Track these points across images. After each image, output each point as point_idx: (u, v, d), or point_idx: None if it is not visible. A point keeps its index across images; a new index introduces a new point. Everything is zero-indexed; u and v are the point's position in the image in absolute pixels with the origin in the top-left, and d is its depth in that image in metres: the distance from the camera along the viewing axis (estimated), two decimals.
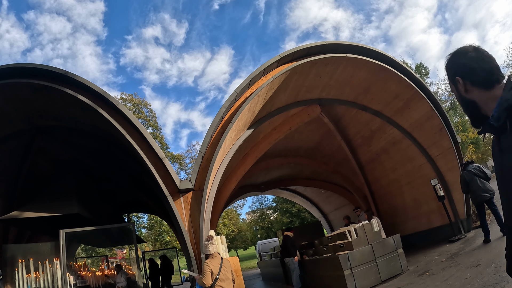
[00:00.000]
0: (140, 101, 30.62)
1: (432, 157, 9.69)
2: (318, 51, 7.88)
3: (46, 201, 8.28)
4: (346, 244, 7.17)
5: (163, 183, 6.46)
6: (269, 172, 14.29)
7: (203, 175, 6.80)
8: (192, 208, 6.66)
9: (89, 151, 9.47)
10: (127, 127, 6.61)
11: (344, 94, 9.42)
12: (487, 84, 1.32)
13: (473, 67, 1.35)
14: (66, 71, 6.42)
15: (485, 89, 1.32)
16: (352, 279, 6.72)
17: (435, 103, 8.94)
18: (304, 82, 8.35)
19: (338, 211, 16.60)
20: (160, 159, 6.58)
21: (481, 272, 5.03)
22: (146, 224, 32.41)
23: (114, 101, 6.59)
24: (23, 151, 8.72)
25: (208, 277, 4.35)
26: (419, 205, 10.62)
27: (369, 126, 10.58)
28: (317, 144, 12.61)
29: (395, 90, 8.93)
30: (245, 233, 47.21)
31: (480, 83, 1.34)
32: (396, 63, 8.62)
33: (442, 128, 8.98)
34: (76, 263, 11.63)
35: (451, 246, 8.15)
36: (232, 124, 6.95)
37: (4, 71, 6.33)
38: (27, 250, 8.31)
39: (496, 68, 1.33)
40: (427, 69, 35.30)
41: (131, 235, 9.76)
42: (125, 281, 8.90)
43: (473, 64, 1.34)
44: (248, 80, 7.34)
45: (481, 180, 7.15)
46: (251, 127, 8.15)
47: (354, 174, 12.54)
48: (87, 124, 7.79)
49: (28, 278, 7.25)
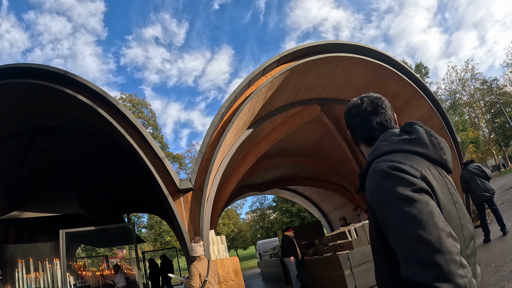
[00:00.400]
0: (140, 101, 30.64)
1: None
2: (317, 50, 7.88)
3: (46, 201, 8.28)
4: (346, 244, 7.17)
5: (163, 183, 6.45)
6: (269, 172, 14.29)
7: (203, 175, 6.80)
8: (192, 208, 6.66)
9: (89, 151, 9.47)
10: (127, 127, 6.60)
11: (344, 94, 9.42)
12: (367, 142, 1.32)
13: (355, 124, 1.35)
14: (65, 71, 6.42)
15: (367, 146, 1.33)
16: (352, 278, 6.72)
17: (435, 103, 8.94)
18: (303, 81, 8.35)
19: (338, 211, 16.60)
20: (160, 159, 6.57)
21: (481, 272, 5.02)
22: (146, 224, 32.44)
23: (113, 101, 6.58)
24: (23, 151, 8.71)
25: (196, 280, 4.31)
26: None
27: None
28: (317, 144, 12.62)
29: (395, 89, 8.93)
30: (245, 232, 47.22)
31: (361, 140, 1.35)
32: (396, 63, 8.62)
33: (442, 128, 8.98)
34: (76, 263, 11.63)
35: None
36: (232, 123, 6.95)
37: (4, 71, 6.33)
38: (27, 250, 8.31)
39: (378, 124, 1.29)
40: (427, 68, 35.33)
41: (131, 235, 9.75)
42: (124, 281, 8.89)
43: (355, 122, 1.35)
44: (248, 80, 7.34)
45: (481, 180, 7.14)
46: (251, 127, 8.15)
47: (354, 173, 12.53)
48: (87, 124, 7.79)
49: (28, 278, 7.25)
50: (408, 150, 1.08)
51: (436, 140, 1.14)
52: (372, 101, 1.34)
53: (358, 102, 1.36)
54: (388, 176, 0.99)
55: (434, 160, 1.10)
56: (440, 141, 1.15)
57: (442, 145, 1.14)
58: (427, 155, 1.09)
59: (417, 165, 1.02)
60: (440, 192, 1.02)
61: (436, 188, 1.01)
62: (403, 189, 0.95)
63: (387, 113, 1.32)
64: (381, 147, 1.15)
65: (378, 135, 1.27)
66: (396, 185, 0.96)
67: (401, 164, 1.01)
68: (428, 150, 1.10)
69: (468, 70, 38.89)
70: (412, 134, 1.15)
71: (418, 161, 1.05)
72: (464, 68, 39.28)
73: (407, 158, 1.04)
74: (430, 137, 1.14)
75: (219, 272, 6.59)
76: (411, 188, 0.95)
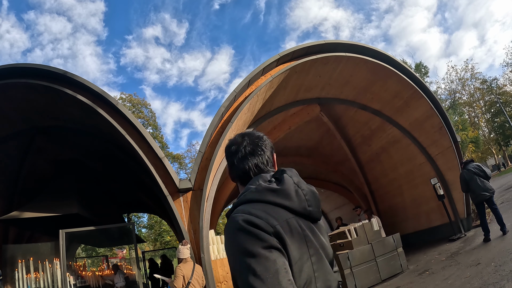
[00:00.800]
0: (140, 101, 30.64)
1: (431, 156, 9.69)
2: (317, 50, 7.87)
3: (46, 201, 8.28)
4: (346, 243, 7.17)
5: (162, 183, 6.45)
6: None
7: (202, 175, 6.80)
8: (191, 208, 6.66)
9: (89, 151, 9.46)
10: (127, 127, 6.60)
11: (343, 93, 9.42)
12: (242, 182, 1.32)
13: (232, 162, 1.34)
14: (65, 71, 6.41)
15: (242, 185, 1.33)
16: (352, 278, 6.72)
17: (435, 102, 8.94)
18: (303, 81, 8.34)
19: (338, 210, 16.59)
20: (159, 159, 6.57)
21: (481, 271, 5.03)
22: (146, 224, 32.45)
23: (113, 101, 6.58)
24: (23, 151, 8.71)
25: (179, 281, 4.42)
26: (419, 204, 10.62)
27: (368, 125, 10.57)
28: (316, 143, 12.61)
29: (394, 89, 8.93)
30: None
31: (237, 178, 1.34)
32: (396, 62, 8.62)
33: (441, 127, 8.98)
34: (76, 263, 11.63)
35: (451, 245, 8.15)
36: (231, 123, 6.95)
37: (4, 71, 6.32)
38: (27, 250, 8.31)
39: (254, 165, 1.29)
40: (427, 68, 35.38)
41: (131, 235, 9.76)
42: (124, 281, 8.89)
43: (233, 159, 1.33)
44: (248, 80, 7.33)
45: (481, 179, 7.14)
46: (250, 127, 8.15)
47: (354, 173, 12.54)
48: (86, 124, 7.78)
49: (28, 278, 7.25)
50: (271, 202, 1.09)
51: (303, 192, 1.16)
52: (252, 141, 1.33)
53: (239, 140, 1.35)
54: (241, 229, 1.01)
55: (298, 212, 1.11)
56: (307, 193, 1.17)
57: (308, 196, 1.16)
58: (290, 207, 1.10)
59: (273, 220, 1.03)
60: (294, 248, 1.03)
61: (289, 244, 1.02)
62: (253, 245, 0.97)
63: (265, 155, 1.32)
64: (247, 194, 1.15)
65: (252, 176, 1.28)
66: (247, 240, 0.99)
67: (257, 218, 1.02)
68: (291, 202, 1.11)
69: (468, 70, 38.89)
70: (279, 183, 1.15)
71: (278, 214, 1.06)
72: (464, 67, 39.27)
73: (267, 211, 1.05)
74: (297, 188, 1.16)
75: (219, 272, 6.60)
76: (261, 245, 0.97)
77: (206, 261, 6.14)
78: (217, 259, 6.75)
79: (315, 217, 1.17)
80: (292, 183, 1.16)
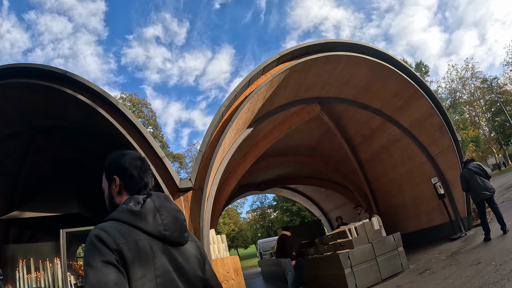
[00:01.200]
0: (140, 101, 30.65)
1: (432, 155, 9.68)
2: (317, 49, 7.86)
3: (46, 201, 8.27)
4: (347, 243, 7.17)
5: (163, 182, 6.45)
6: (269, 171, 14.29)
7: (203, 174, 6.80)
8: (192, 207, 6.66)
9: (89, 151, 9.46)
10: (127, 126, 6.60)
11: (344, 93, 9.41)
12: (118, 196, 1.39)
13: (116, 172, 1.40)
14: (65, 70, 6.41)
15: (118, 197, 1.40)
16: (353, 277, 6.73)
17: (435, 101, 8.93)
18: (303, 80, 8.34)
19: (338, 210, 16.60)
20: (160, 159, 6.57)
21: (482, 270, 5.03)
22: None
23: (113, 100, 6.58)
24: (23, 151, 8.71)
25: None
26: (419, 203, 10.62)
27: (369, 124, 10.57)
28: (317, 143, 12.61)
29: (395, 88, 8.92)
30: (246, 232, 47.25)
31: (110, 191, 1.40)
32: (396, 61, 8.60)
33: (442, 126, 8.97)
34: (77, 263, 11.63)
35: (452, 245, 8.15)
36: (231, 123, 6.94)
37: (4, 71, 6.32)
38: (27, 250, 8.31)
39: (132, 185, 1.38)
40: (427, 67, 35.35)
41: None
42: None
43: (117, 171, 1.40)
44: (248, 79, 7.33)
45: (481, 178, 7.14)
46: (251, 126, 8.14)
47: (354, 172, 12.54)
48: (87, 124, 7.78)
49: (28, 278, 7.25)
50: (127, 222, 1.19)
51: (161, 217, 1.25)
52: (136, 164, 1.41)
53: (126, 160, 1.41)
54: (90, 242, 1.13)
55: (152, 235, 1.21)
56: (165, 218, 1.26)
57: (166, 221, 1.26)
58: (144, 229, 1.20)
59: (120, 239, 1.13)
60: (136, 266, 1.12)
61: (130, 262, 1.11)
62: (94, 258, 1.08)
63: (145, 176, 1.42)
64: (114, 212, 1.24)
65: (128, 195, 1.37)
66: (91, 253, 1.10)
67: (106, 235, 1.12)
68: (147, 225, 1.21)
69: (468, 69, 38.83)
70: (141, 206, 1.25)
71: (129, 234, 1.16)
72: (464, 66, 39.22)
73: (119, 230, 1.15)
74: (156, 212, 1.25)
75: (220, 271, 6.60)
76: (100, 259, 1.08)
77: None
78: (218, 259, 6.75)
79: (174, 241, 1.26)
80: (151, 207, 1.26)
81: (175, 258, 1.24)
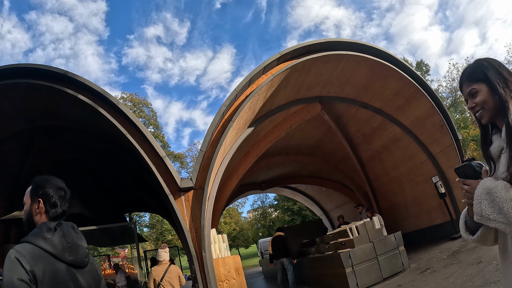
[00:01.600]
0: (141, 100, 30.61)
1: (433, 155, 9.67)
2: (318, 48, 7.85)
3: None
4: (348, 242, 7.17)
5: (164, 182, 6.46)
6: (270, 170, 14.29)
7: (204, 174, 6.80)
8: (193, 207, 6.66)
9: (90, 151, 9.48)
10: (128, 126, 6.60)
11: (344, 92, 9.40)
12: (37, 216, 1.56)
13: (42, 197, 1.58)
14: (66, 71, 6.42)
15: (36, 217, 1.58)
16: (354, 276, 6.73)
17: (436, 100, 8.92)
18: (304, 80, 8.33)
19: (339, 209, 16.59)
20: (161, 158, 6.58)
21: (483, 270, 5.03)
22: (147, 223, 32.49)
23: (114, 100, 6.58)
24: (24, 151, 8.72)
25: (151, 282, 5.17)
26: (420, 202, 10.61)
27: (369, 123, 10.56)
28: (318, 142, 12.60)
29: (395, 87, 8.91)
30: (247, 231, 47.22)
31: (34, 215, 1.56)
32: (397, 61, 8.59)
33: (443, 125, 8.96)
34: None
35: (453, 244, 8.14)
36: (232, 122, 6.95)
37: (5, 71, 6.33)
38: None
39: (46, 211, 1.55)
40: (428, 66, 35.24)
41: (132, 234, 9.77)
42: (125, 280, 8.91)
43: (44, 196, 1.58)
44: (248, 79, 7.33)
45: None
46: (251, 125, 8.14)
47: (355, 171, 12.53)
48: (88, 124, 7.79)
49: None
50: (40, 246, 1.40)
51: (68, 244, 1.48)
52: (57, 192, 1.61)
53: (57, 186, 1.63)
54: (10, 259, 1.33)
55: (60, 259, 1.43)
56: (71, 245, 1.49)
57: (71, 248, 1.49)
58: (53, 254, 1.42)
59: (33, 261, 1.34)
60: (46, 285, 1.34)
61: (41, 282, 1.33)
62: (12, 274, 1.29)
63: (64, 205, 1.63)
64: (29, 235, 1.45)
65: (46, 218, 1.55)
66: (10, 269, 1.31)
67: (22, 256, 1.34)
68: (55, 251, 1.43)
69: None
70: (52, 234, 1.47)
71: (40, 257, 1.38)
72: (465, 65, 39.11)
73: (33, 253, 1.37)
74: (63, 240, 1.48)
75: (221, 271, 6.61)
76: (16, 276, 1.29)
77: (208, 260, 6.15)
78: (219, 258, 6.75)
79: (76, 265, 1.49)
80: (60, 235, 1.48)
81: (77, 278, 1.48)
